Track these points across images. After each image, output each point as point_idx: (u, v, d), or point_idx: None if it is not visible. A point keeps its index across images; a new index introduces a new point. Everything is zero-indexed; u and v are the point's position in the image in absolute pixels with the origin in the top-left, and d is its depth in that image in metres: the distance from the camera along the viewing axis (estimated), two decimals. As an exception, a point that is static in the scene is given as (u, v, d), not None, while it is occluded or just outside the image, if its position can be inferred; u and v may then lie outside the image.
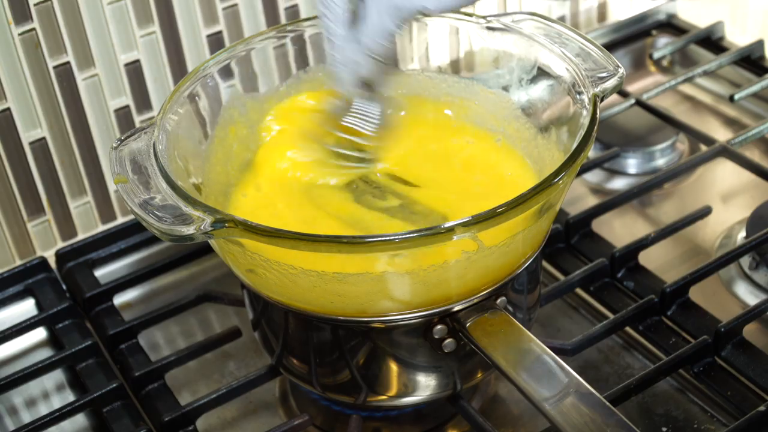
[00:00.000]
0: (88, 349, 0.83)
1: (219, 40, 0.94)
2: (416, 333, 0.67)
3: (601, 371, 0.80)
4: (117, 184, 0.65)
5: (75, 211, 0.94)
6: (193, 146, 0.74)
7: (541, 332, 0.83)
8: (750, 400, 0.75)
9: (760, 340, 0.79)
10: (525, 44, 0.75)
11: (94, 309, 0.88)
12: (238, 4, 0.93)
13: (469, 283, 0.65)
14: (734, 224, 0.92)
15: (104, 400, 0.79)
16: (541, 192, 0.61)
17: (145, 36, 0.90)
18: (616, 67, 0.70)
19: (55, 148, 0.90)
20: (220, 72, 0.76)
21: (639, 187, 0.92)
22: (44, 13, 0.84)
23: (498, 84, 0.78)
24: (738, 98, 1.01)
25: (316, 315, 0.67)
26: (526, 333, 0.65)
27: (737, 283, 0.86)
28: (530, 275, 0.71)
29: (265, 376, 0.79)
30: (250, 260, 0.64)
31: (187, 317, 0.88)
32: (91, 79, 0.89)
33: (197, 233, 0.60)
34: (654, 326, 0.81)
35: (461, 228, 0.59)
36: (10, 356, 0.88)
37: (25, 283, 0.90)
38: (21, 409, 0.84)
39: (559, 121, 0.72)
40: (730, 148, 0.95)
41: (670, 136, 1.01)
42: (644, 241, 0.86)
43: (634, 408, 0.77)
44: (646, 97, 1.02)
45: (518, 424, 0.77)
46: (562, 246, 0.89)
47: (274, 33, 0.78)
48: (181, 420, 0.77)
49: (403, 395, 0.71)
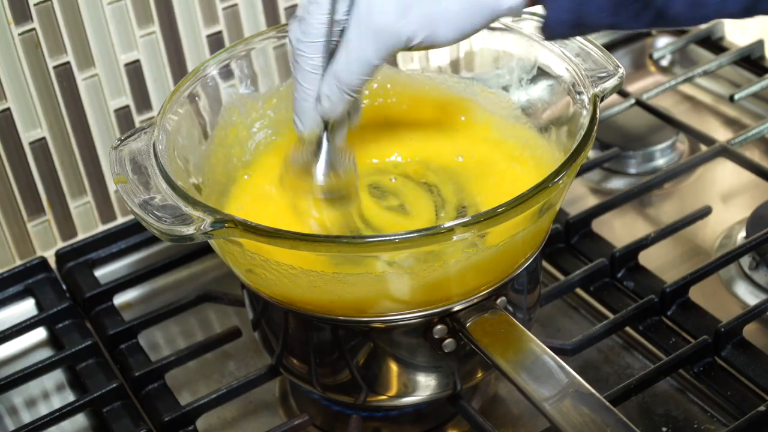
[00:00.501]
0: (88, 349, 0.83)
1: (219, 40, 0.94)
2: (416, 333, 0.67)
3: (601, 371, 0.80)
4: (117, 184, 0.65)
5: (75, 211, 0.94)
6: (193, 146, 0.74)
7: (541, 332, 0.83)
8: (750, 400, 0.75)
9: (760, 340, 0.79)
10: (525, 44, 0.75)
11: (94, 309, 0.88)
12: (238, 4, 0.93)
13: (469, 283, 0.65)
14: (734, 224, 0.92)
15: (104, 400, 0.79)
16: (541, 192, 0.61)
17: (145, 36, 0.90)
18: (616, 67, 0.70)
19: (55, 148, 0.90)
20: (220, 72, 0.76)
21: (639, 187, 0.92)
22: (44, 13, 0.84)
23: (498, 84, 0.78)
24: (738, 98, 1.01)
25: (316, 315, 0.67)
26: (526, 333, 0.65)
27: (737, 283, 0.86)
28: (530, 275, 0.71)
29: (265, 376, 0.79)
30: (250, 260, 0.64)
31: (187, 317, 0.88)
32: (91, 79, 0.89)
33: (197, 233, 0.60)
34: (654, 326, 0.81)
35: (461, 228, 0.59)
36: (10, 356, 0.88)
37: (25, 283, 0.90)
38: (21, 409, 0.84)
39: (559, 121, 0.72)
40: (730, 148, 0.94)
41: (670, 136, 1.01)
42: (644, 241, 0.86)
43: (634, 408, 0.77)
44: (646, 97, 1.02)
45: (518, 424, 0.77)
46: (562, 246, 0.89)
47: (274, 33, 0.78)
48: (181, 420, 0.77)
49: (403, 395, 0.71)
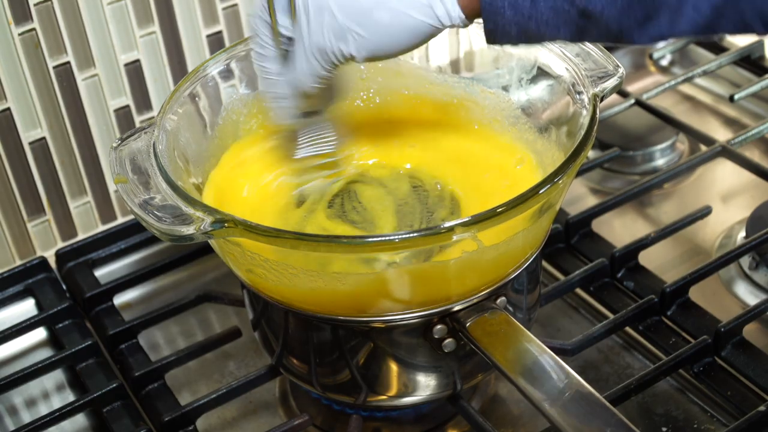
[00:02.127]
0: (88, 349, 0.83)
1: (219, 40, 0.94)
2: (416, 333, 0.67)
3: (601, 371, 0.80)
4: (117, 184, 0.65)
5: (75, 211, 0.94)
6: (193, 146, 0.74)
7: (541, 332, 0.83)
8: (750, 400, 0.75)
9: (760, 340, 0.79)
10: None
11: (94, 309, 0.88)
12: (238, 4, 0.93)
13: (468, 283, 0.65)
14: (734, 224, 0.92)
15: (104, 400, 0.79)
16: (541, 192, 0.61)
17: (145, 36, 0.90)
18: (616, 67, 0.70)
19: (55, 148, 0.90)
20: (220, 72, 0.76)
21: (639, 187, 0.92)
22: (44, 13, 0.84)
23: (498, 84, 0.78)
24: (738, 98, 1.01)
25: (316, 315, 0.67)
26: (526, 333, 0.65)
27: (737, 283, 0.86)
28: (530, 275, 0.71)
29: (265, 376, 0.79)
30: (250, 260, 0.64)
31: (187, 317, 0.88)
32: (91, 79, 0.89)
33: (197, 233, 0.60)
34: (654, 326, 0.81)
35: (461, 228, 0.59)
36: (10, 356, 0.88)
37: (25, 283, 0.90)
38: (21, 409, 0.84)
39: (559, 120, 0.72)
40: (730, 148, 0.94)
41: (670, 136, 1.01)
42: (644, 241, 0.86)
43: (634, 408, 0.77)
44: (646, 97, 1.02)
45: (518, 424, 0.77)
46: (562, 246, 0.89)
47: (274, 33, 0.78)
48: (181, 420, 0.77)
49: (403, 395, 0.71)
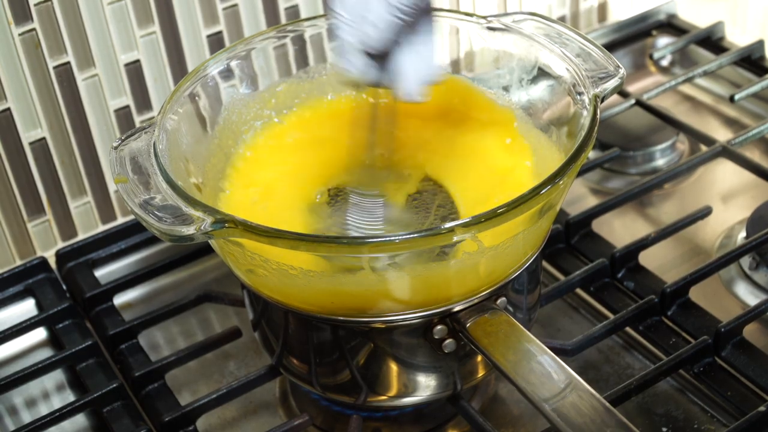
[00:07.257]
0: (88, 349, 0.83)
1: (219, 40, 0.94)
2: (416, 333, 0.67)
3: (601, 371, 0.80)
4: (117, 184, 0.65)
5: (75, 211, 0.94)
6: (194, 146, 0.74)
7: (541, 332, 0.83)
8: (750, 400, 0.75)
9: (760, 340, 0.79)
10: (525, 44, 0.75)
11: (94, 309, 0.88)
12: (238, 4, 0.93)
13: (469, 284, 0.65)
14: (734, 224, 0.92)
15: (104, 400, 0.79)
16: (542, 193, 0.61)
17: (145, 36, 0.90)
18: (617, 68, 0.70)
19: (55, 148, 0.90)
20: (220, 72, 0.76)
21: (639, 187, 0.92)
22: (44, 13, 0.84)
23: (498, 84, 0.78)
24: (738, 98, 1.01)
25: (316, 315, 0.67)
26: (526, 333, 0.65)
27: (737, 283, 0.86)
28: (530, 275, 0.71)
29: (265, 376, 0.79)
30: (250, 260, 0.64)
31: (187, 317, 0.88)
32: (91, 79, 0.89)
33: (197, 233, 0.60)
34: (654, 326, 0.81)
35: (461, 228, 0.59)
36: (10, 356, 0.88)
37: (25, 283, 0.90)
38: (21, 409, 0.84)
39: (560, 121, 0.72)
40: (730, 148, 0.94)
41: (670, 136, 1.01)
42: (644, 241, 0.86)
43: (634, 408, 0.77)
44: (646, 97, 1.02)
45: (518, 424, 0.77)
46: (562, 246, 0.89)
47: (274, 33, 0.78)
48: (181, 420, 0.77)
49: (403, 395, 0.71)
